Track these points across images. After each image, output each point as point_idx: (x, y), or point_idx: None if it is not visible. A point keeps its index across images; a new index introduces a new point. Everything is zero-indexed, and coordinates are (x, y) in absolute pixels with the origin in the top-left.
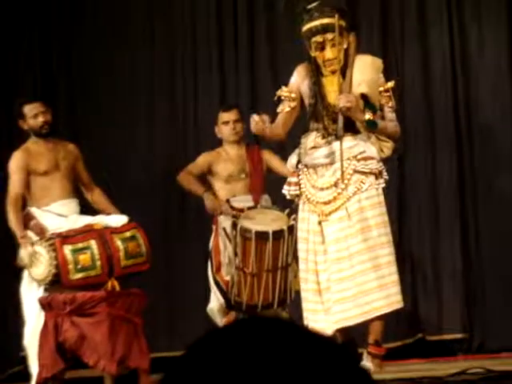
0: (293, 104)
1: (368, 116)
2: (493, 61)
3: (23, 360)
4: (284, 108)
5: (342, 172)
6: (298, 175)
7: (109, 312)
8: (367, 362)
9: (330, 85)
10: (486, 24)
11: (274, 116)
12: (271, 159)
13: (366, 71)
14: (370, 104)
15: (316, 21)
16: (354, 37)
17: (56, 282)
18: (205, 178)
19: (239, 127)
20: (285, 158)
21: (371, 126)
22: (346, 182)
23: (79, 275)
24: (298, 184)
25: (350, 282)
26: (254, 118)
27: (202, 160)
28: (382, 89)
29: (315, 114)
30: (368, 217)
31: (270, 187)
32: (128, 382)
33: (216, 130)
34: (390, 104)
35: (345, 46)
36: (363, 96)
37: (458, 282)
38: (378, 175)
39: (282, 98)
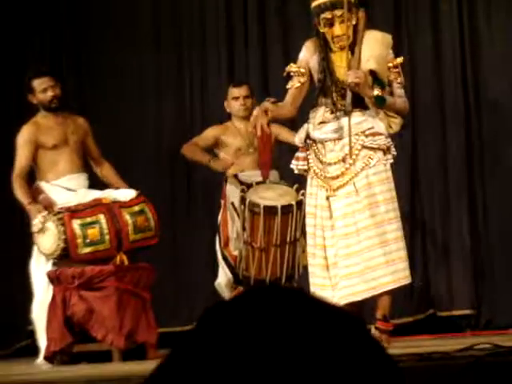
0: (302, 79)
1: (377, 92)
2: (501, 35)
3: (31, 334)
4: (294, 84)
5: (350, 147)
6: (307, 150)
7: (117, 286)
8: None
9: (339, 60)
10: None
11: (284, 92)
12: (280, 132)
13: (374, 47)
14: (378, 80)
15: None
16: (364, 13)
17: (64, 256)
18: (211, 152)
19: (249, 103)
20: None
21: (380, 102)
22: (353, 157)
23: (88, 249)
24: (306, 159)
25: (357, 258)
26: (255, 112)
27: (209, 133)
28: (390, 65)
29: (324, 89)
30: (376, 192)
31: (278, 162)
32: (136, 356)
33: (225, 104)
34: (398, 80)
35: (354, 23)
36: (372, 72)
37: (467, 258)
38: (386, 151)
39: (292, 73)
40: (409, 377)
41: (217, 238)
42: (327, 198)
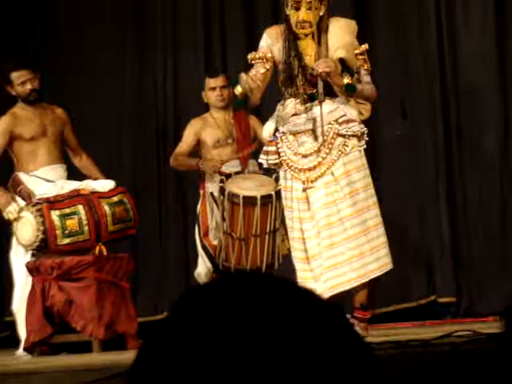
0: (268, 65)
1: (346, 80)
2: (479, 23)
3: (10, 325)
4: (258, 70)
5: (323, 138)
6: (277, 143)
7: (96, 277)
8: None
9: (305, 48)
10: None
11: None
12: (257, 128)
13: (341, 35)
14: (347, 68)
15: None
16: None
17: (43, 247)
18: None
19: (226, 93)
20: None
21: (350, 90)
22: (329, 146)
23: (67, 240)
24: (277, 152)
25: (342, 247)
26: (243, 76)
27: (189, 133)
28: (357, 51)
29: (290, 78)
30: (354, 180)
31: (257, 152)
32: (116, 346)
33: (202, 95)
34: (365, 66)
35: (321, 13)
36: (341, 60)
37: (447, 247)
38: (359, 137)
39: (255, 61)
40: (388, 364)
41: (196, 228)
42: (304, 190)
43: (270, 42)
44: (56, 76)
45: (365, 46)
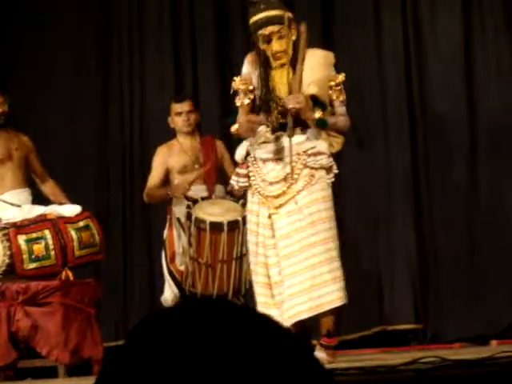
0: (252, 95)
1: (318, 115)
2: (447, 50)
3: None
4: (243, 101)
5: (292, 168)
6: (248, 166)
7: (62, 302)
8: (320, 353)
9: (279, 77)
10: (441, 11)
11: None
12: (223, 156)
13: (316, 69)
14: (319, 103)
15: (262, 13)
16: (306, 28)
17: (10, 271)
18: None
19: (192, 118)
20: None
21: (321, 125)
22: (295, 176)
23: (33, 265)
24: (247, 176)
25: (301, 276)
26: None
27: (157, 163)
28: (332, 83)
29: (264, 106)
30: (317, 210)
31: (224, 178)
32: (81, 371)
33: (169, 120)
34: (340, 98)
35: (293, 38)
36: (312, 96)
37: (413, 272)
38: (328, 170)
39: (239, 90)
40: None
41: (163, 253)
42: (269, 216)
43: (250, 70)
44: (17, 99)
45: (341, 77)
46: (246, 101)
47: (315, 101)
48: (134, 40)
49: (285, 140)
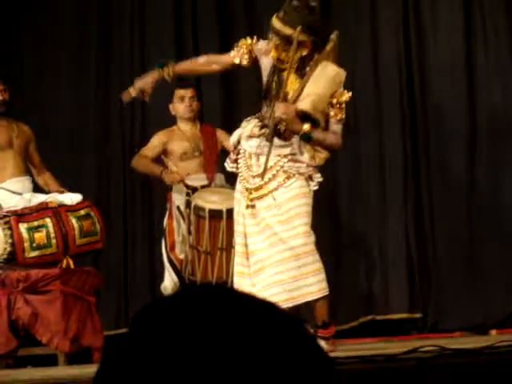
0: (245, 62)
1: (305, 127)
2: (448, 42)
3: None
4: (235, 55)
5: (265, 169)
6: (238, 153)
7: (62, 290)
8: (320, 341)
9: (286, 78)
10: (442, 3)
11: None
12: (225, 141)
13: (320, 84)
14: (310, 119)
15: (278, 22)
16: (334, 42)
17: (11, 260)
18: (159, 160)
19: (195, 105)
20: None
21: (305, 139)
22: (270, 176)
23: (35, 253)
24: (236, 161)
25: (283, 266)
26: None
27: (155, 141)
28: (334, 101)
29: (267, 96)
30: (296, 205)
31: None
32: (81, 359)
33: (170, 107)
34: (338, 117)
35: (303, 54)
36: (303, 111)
37: (413, 261)
38: (308, 178)
39: (239, 48)
40: (353, 380)
41: (163, 242)
42: (247, 208)
43: (265, 47)
44: (18, 88)
45: (346, 97)
46: (237, 60)
47: (305, 117)
48: (135, 37)
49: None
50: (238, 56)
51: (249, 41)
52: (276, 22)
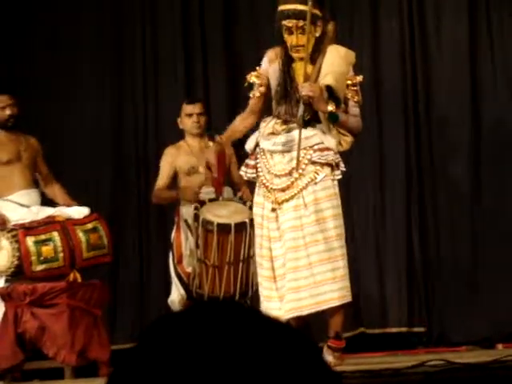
0: (262, 89)
1: (330, 108)
2: (451, 50)
3: None
4: (255, 93)
5: (298, 161)
6: (256, 158)
7: (69, 303)
8: (328, 356)
9: (299, 70)
10: (447, 10)
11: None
12: (231, 159)
13: (335, 62)
14: (334, 96)
15: (291, 5)
16: (334, 26)
17: (18, 273)
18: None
19: (202, 120)
20: None
21: (332, 119)
22: (300, 171)
23: (42, 267)
24: (255, 167)
25: (305, 271)
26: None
27: (165, 164)
28: (349, 82)
29: (282, 97)
30: (323, 208)
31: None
32: (88, 373)
33: (178, 121)
34: (355, 99)
35: (317, 35)
36: (328, 88)
37: (418, 274)
38: (334, 166)
39: (252, 82)
40: None
41: (170, 255)
42: (273, 210)
43: (268, 64)
44: (33, 102)
45: (359, 78)
46: (257, 94)
47: (330, 93)
48: (147, 41)
49: (294, 133)
50: (257, 91)
51: (254, 73)
52: (288, 7)
